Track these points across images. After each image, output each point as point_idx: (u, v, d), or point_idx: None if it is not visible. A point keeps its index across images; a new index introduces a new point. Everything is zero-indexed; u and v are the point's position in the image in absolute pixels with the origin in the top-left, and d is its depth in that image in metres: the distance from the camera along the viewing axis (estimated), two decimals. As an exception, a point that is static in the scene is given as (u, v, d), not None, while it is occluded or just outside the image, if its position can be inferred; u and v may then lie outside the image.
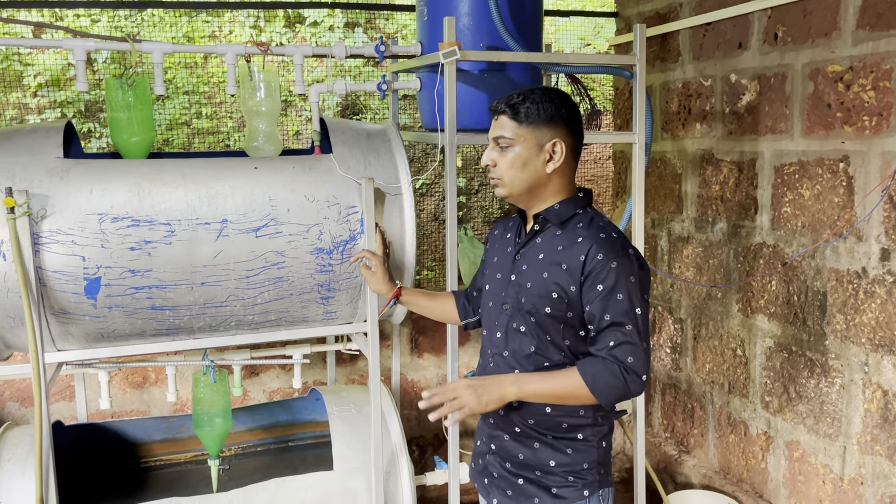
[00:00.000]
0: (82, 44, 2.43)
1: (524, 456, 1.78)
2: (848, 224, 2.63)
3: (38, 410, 2.18)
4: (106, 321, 2.32)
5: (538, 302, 1.72)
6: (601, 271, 1.65)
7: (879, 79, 2.49)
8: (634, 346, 1.64)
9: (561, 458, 1.75)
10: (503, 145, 1.75)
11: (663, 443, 3.69)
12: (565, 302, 1.69)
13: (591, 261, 1.66)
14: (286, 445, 3.00)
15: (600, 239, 1.69)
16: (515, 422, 1.78)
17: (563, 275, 1.69)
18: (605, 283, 1.65)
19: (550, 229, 1.77)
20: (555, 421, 1.74)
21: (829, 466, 2.77)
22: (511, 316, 1.78)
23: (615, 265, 1.65)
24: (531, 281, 1.74)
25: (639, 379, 1.64)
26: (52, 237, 2.19)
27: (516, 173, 1.74)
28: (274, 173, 2.44)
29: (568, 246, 1.71)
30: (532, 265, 1.76)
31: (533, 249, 1.78)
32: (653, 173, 3.67)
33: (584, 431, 1.75)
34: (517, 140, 1.73)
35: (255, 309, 2.45)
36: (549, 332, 1.72)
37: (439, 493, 3.14)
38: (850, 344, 2.66)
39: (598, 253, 1.66)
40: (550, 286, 1.70)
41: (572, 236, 1.72)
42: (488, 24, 2.68)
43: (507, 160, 1.74)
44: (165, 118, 4.05)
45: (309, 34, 4.46)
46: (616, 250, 1.67)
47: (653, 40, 3.53)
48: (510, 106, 1.75)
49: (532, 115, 1.74)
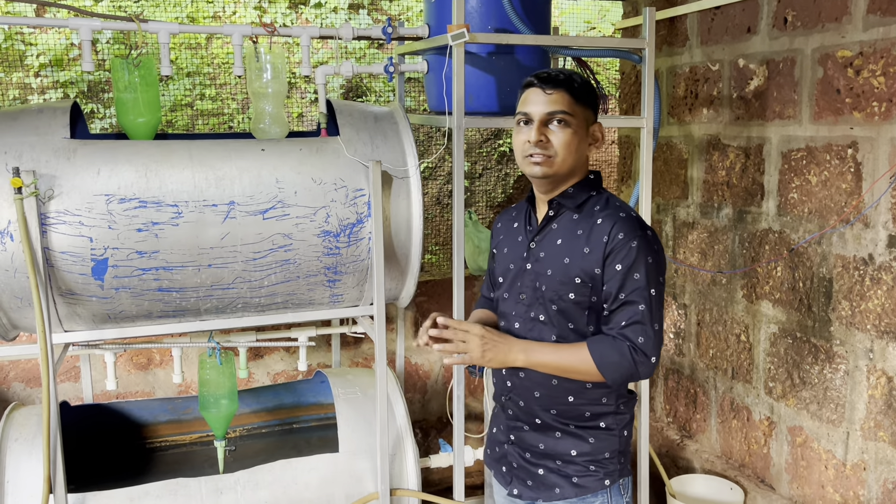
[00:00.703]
0: (88, 23, 2.41)
1: (545, 446, 1.75)
2: (855, 210, 2.62)
3: (46, 391, 2.18)
4: (113, 302, 2.32)
5: (561, 289, 1.68)
6: (621, 250, 1.62)
7: (889, 64, 2.47)
8: (645, 327, 1.62)
9: (583, 446, 1.72)
10: (560, 121, 1.65)
11: (666, 427, 3.70)
12: (589, 286, 1.65)
13: (613, 240, 1.63)
14: (291, 427, 3.01)
15: (620, 218, 1.66)
16: (537, 413, 1.75)
17: (587, 258, 1.65)
18: (624, 262, 1.62)
19: (566, 214, 1.72)
20: (578, 410, 1.72)
21: (832, 452, 2.79)
22: (529, 305, 1.74)
23: (635, 244, 1.62)
24: (551, 267, 1.70)
25: (647, 360, 1.62)
26: (60, 218, 2.19)
27: (568, 153, 1.67)
28: (281, 155, 2.43)
29: (588, 229, 1.67)
30: (550, 251, 1.71)
31: (549, 235, 1.73)
32: (658, 158, 3.65)
33: (606, 420, 1.73)
34: (575, 117, 1.67)
35: (261, 291, 2.45)
36: (573, 319, 1.69)
37: (443, 475, 3.15)
38: (856, 330, 2.66)
39: (619, 232, 1.63)
40: (573, 271, 1.66)
41: (591, 219, 1.68)
42: (497, 7, 2.66)
43: (563, 138, 1.66)
44: (169, 99, 4.03)
45: (313, 15, 4.43)
46: (636, 230, 1.64)
47: (660, 24, 3.51)
48: (566, 81, 1.66)
49: (583, 95, 1.68)
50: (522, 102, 1.71)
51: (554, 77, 1.67)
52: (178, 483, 2.42)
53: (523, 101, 1.71)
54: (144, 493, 2.38)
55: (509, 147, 4.60)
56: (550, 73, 1.68)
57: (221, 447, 2.63)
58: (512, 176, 4.68)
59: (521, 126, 1.71)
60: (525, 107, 1.69)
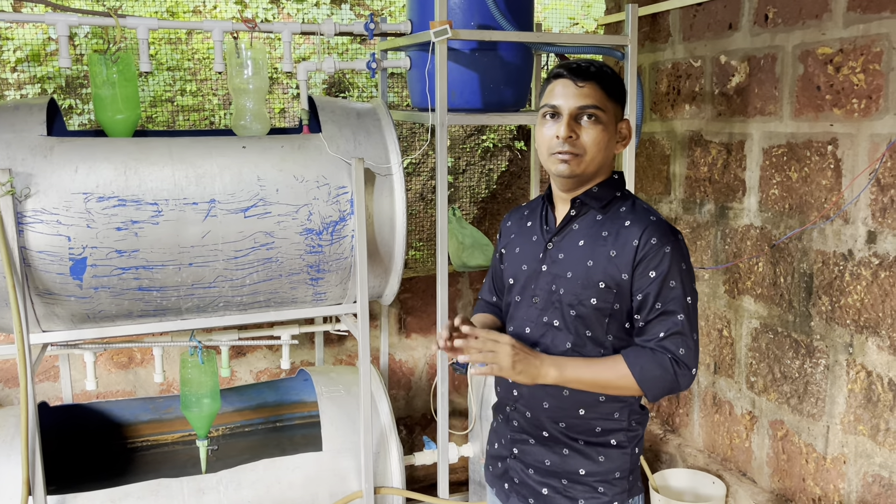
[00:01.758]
0: (65, 18, 2.37)
1: (551, 462, 1.64)
2: (835, 207, 2.65)
3: (24, 392, 2.15)
4: (92, 302, 2.29)
5: (583, 293, 1.56)
6: (654, 256, 1.52)
7: (869, 61, 2.49)
8: (685, 338, 1.53)
9: (591, 465, 1.61)
10: (591, 115, 1.54)
11: (649, 422, 3.72)
12: (614, 292, 1.55)
13: (645, 245, 1.53)
14: (275, 426, 3.00)
15: (651, 222, 1.56)
16: (545, 425, 1.63)
17: (612, 263, 1.55)
18: (659, 270, 1.52)
19: (590, 214, 1.61)
20: (588, 424, 1.61)
21: (813, 446, 2.82)
22: (542, 310, 1.62)
23: (668, 250, 1.53)
24: (572, 270, 1.58)
25: (689, 373, 1.53)
26: (37, 217, 2.15)
27: (598, 151, 1.56)
28: (262, 152, 2.41)
29: (614, 231, 1.57)
30: (571, 254, 1.60)
31: (570, 237, 1.62)
32: (641, 154, 3.67)
33: (617, 436, 1.62)
34: (607, 113, 1.56)
35: (243, 290, 2.43)
36: (591, 326, 1.57)
37: (428, 472, 3.15)
38: (836, 325, 2.68)
39: (652, 237, 1.53)
40: (597, 275, 1.55)
41: (617, 221, 1.58)
42: (479, 3, 2.65)
43: (594, 135, 1.55)
44: (149, 95, 3.99)
45: (294, 10, 4.39)
46: (668, 235, 1.55)
47: (643, 20, 3.51)
48: (598, 73, 1.55)
49: (615, 89, 1.58)
50: (549, 94, 1.58)
51: (585, 68, 1.56)
52: (159, 483, 2.40)
53: (550, 93, 1.58)
54: (125, 494, 2.36)
55: (493, 142, 4.59)
56: (581, 64, 1.57)
57: (204, 447, 2.61)
58: (496, 171, 4.68)
59: (546, 119, 1.58)
60: (553, 99, 1.57)
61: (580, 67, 1.56)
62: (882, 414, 2.52)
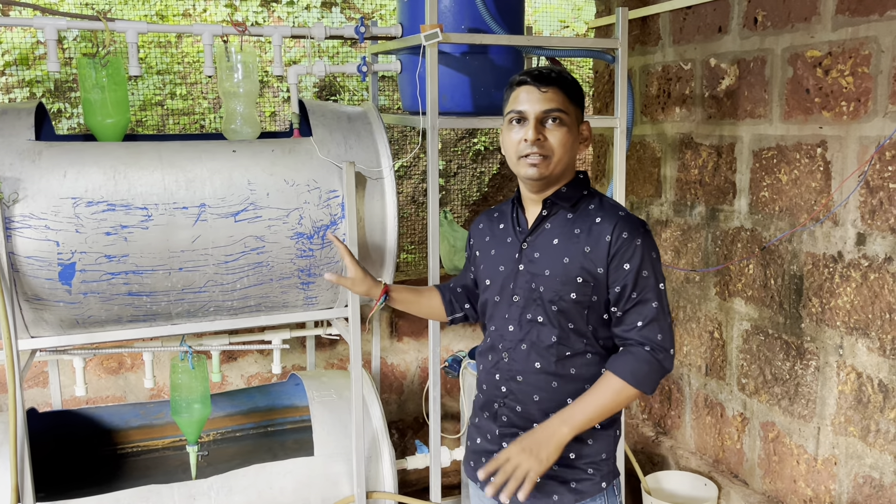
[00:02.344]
0: (53, 22, 2.36)
1: None
2: (825, 209, 2.66)
3: (13, 399, 2.13)
4: (81, 307, 2.27)
5: (562, 289, 1.65)
6: (627, 249, 1.62)
7: (858, 64, 2.51)
8: (661, 323, 1.63)
9: (581, 448, 1.68)
10: (556, 119, 1.63)
11: (641, 424, 3.73)
12: (591, 286, 1.64)
13: (617, 240, 1.62)
14: (266, 431, 2.98)
15: (621, 217, 1.65)
16: (536, 417, 1.69)
17: (588, 257, 1.63)
18: (633, 262, 1.62)
19: (560, 213, 1.70)
20: None
21: (804, 447, 2.82)
22: (524, 307, 1.70)
23: (640, 242, 1.62)
24: (549, 268, 1.67)
25: (669, 354, 1.63)
26: (25, 222, 2.14)
27: (564, 153, 1.64)
28: (253, 156, 2.40)
29: (586, 228, 1.65)
30: (546, 252, 1.68)
31: (543, 236, 1.70)
32: (632, 157, 3.67)
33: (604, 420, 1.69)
34: (570, 116, 1.65)
35: (234, 294, 2.42)
36: (573, 319, 1.66)
37: (420, 475, 3.14)
38: (826, 327, 2.69)
39: (623, 232, 1.62)
40: (574, 271, 1.64)
41: (587, 217, 1.67)
42: (470, 6, 2.65)
43: (560, 137, 1.63)
44: (138, 98, 3.97)
45: (285, 13, 4.38)
46: (637, 228, 1.65)
47: (633, 23, 3.53)
48: (560, 78, 1.64)
49: (576, 93, 1.67)
50: (514, 101, 1.66)
51: (547, 74, 1.64)
52: (149, 490, 2.39)
53: (514, 100, 1.66)
54: (115, 501, 2.34)
55: (484, 145, 4.59)
56: (543, 71, 1.65)
57: (194, 452, 2.59)
58: (487, 174, 4.68)
59: (513, 125, 1.66)
60: (517, 105, 1.64)
61: (542, 74, 1.64)
62: (872, 415, 2.53)
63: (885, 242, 2.45)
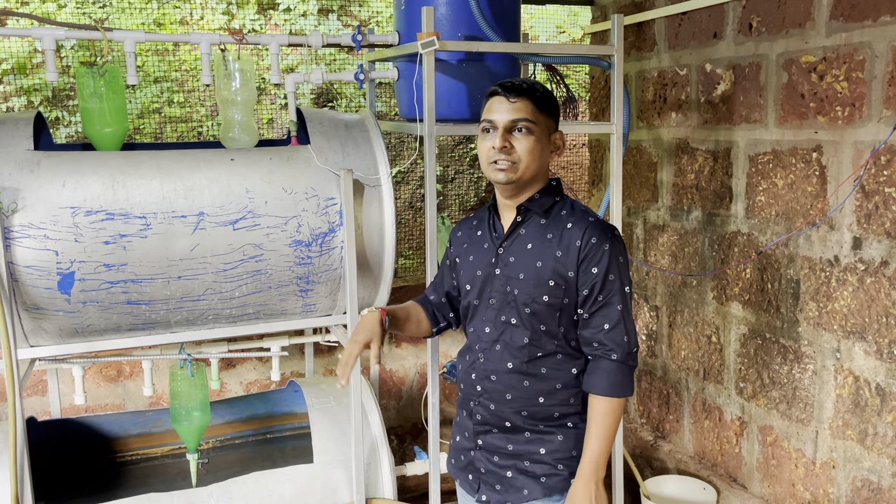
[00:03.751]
0: (51, 32, 2.37)
1: (513, 447, 1.79)
2: (821, 213, 2.67)
3: (12, 408, 2.14)
4: (80, 316, 2.28)
5: (535, 292, 1.72)
6: (595, 254, 1.69)
7: (852, 69, 2.52)
8: (625, 324, 1.71)
9: (550, 445, 1.77)
10: (523, 128, 1.71)
11: (639, 429, 3.73)
12: (562, 288, 1.71)
13: (587, 245, 1.69)
14: (265, 438, 2.99)
15: (590, 223, 1.73)
16: (507, 416, 1.78)
17: (559, 261, 1.71)
18: (600, 266, 1.69)
19: (534, 219, 1.77)
20: (548, 411, 1.76)
21: (802, 451, 2.83)
22: (499, 310, 1.77)
23: (607, 247, 1.70)
24: (523, 272, 1.74)
25: (633, 353, 1.72)
26: (24, 231, 2.14)
27: (532, 160, 1.72)
28: (251, 165, 2.41)
29: (558, 234, 1.73)
30: (521, 256, 1.75)
31: (518, 241, 1.77)
32: (628, 161, 3.69)
33: (573, 419, 1.78)
34: (538, 125, 1.72)
35: (232, 302, 2.42)
36: (545, 321, 1.73)
37: (419, 481, 3.15)
38: (823, 331, 2.71)
39: (592, 237, 1.70)
40: (546, 274, 1.71)
41: (559, 223, 1.74)
42: (466, 14, 2.66)
43: (527, 145, 1.71)
44: (136, 106, 3.98)
45: (282, 20, 4.40)
46: (606, 233, 1.72)
47: (628, 29, 3.54)
48: (529, 90, 1.72)
49: (546, 104, 1.74)
50: (487, 110, 1.75)
51: (517, 86, 1.72)
52: (149, 498, 2.39)
53: (487, 109, 1.75)
54: (115, 510, 2.34)
55: (481, 151, 4.60)
56: (514, 82, 1.73)
57: (194, 460, 2.60)
58: (484, 179, 4.69)
59: (485, 133, 1.75)
60: (489, 114, 1.73)
61: (513, 85, 1.72)
62: (870, 419, 2.54)
63: (880, 246, 2.46)
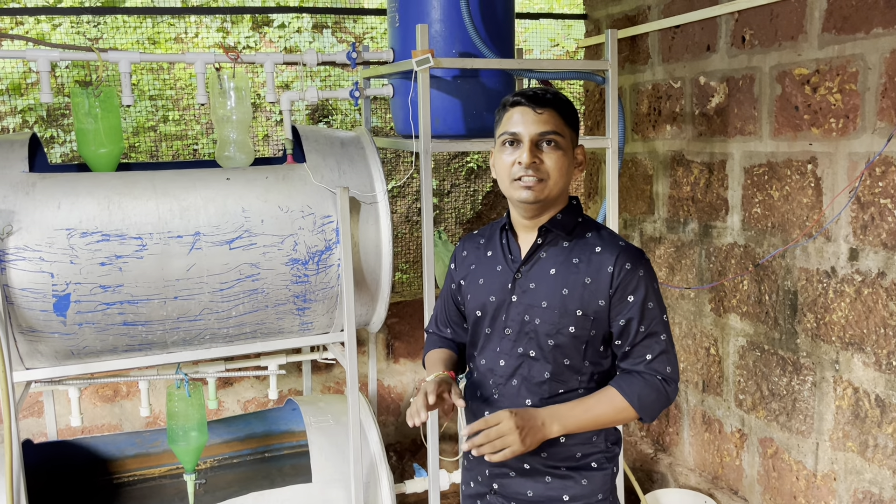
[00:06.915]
0: (46, 54, 2.37)
1: (534, 493, 1.62)
2: (817, 225, 2.67)
3: (8, 431, 2.12)
4: (76, 338, 2.26)
5: (560, 322, 1.56)
6: (631, 281, 1.55)
7: (845, 81, 2.53)
8: (669, 355, 1.58)
9: (575, 489, 1.61)
10: (552, 141, 1.55)
11: (639, 441, 3.72)
12: (591, 319, 1.56)
13: (620, 272, 1.55)
14: (263, 457, 2.96)
15: (622, 248, 1.58)
16: (525, 458, 1.61)
17: (588, 290, 1.56)
18: (637, 294, 1.55)
19: (556, 241, 1.61)
20: (569, 451, 1.61)
21: (803, 463, 2.82)
22: (515, 341, 1.61)
23: (642, 273, 1.56)
24: (546, 300, 1.58)
25: (676, 386, 1.59)
26: (19, 254, 2.13)
27: (560, 176, 1.56)
28: (247, 184, 2.40)
29: (585, 258, 1.58)
30: (543, 283, 1.59)
31: (539, 265, 1.61)
32: (624, 174, 3.69)
33: (597, 458, 1.63)
34: (565, 139, 1.57)
35: (229, 322, 2.41)
36: (569, 354, 1.58)
37: (419, 499, 3.13)
38: (821, 342, 2.70)
39: (626, 262, 1.56)
40: (574, 303, 1.56)
41: (586, 247, 1.59)
42: (461, 31, 2.67)
43: (556, 160, 1.55)
44: (131, 124, 3.98)
45: (276, 36, 4.41)
46: (639, 258, 1.58)
47: (622, 42, 3.55)
48: (555, 100, 1.57)
49: (571, 115, 1.60)
50: (507, 122, 1.58)
51: (542, 96, 1.57)
52: (147, 520, 2.37)
53: (508, 121, 1.58)
54: (113, 533, 2.32)
55: (477, 163, 4.61)
56: (538, 92, 1.58)
57: (191, 480, 2.58)
58: (480, 192, 4.69)
59: (506, 147, 1.58)
60: (512, 126, 1.56)
61: (537, 95, 1.57)
62: (870, 430, 2.54)
63: (877, 257, 2.47)
